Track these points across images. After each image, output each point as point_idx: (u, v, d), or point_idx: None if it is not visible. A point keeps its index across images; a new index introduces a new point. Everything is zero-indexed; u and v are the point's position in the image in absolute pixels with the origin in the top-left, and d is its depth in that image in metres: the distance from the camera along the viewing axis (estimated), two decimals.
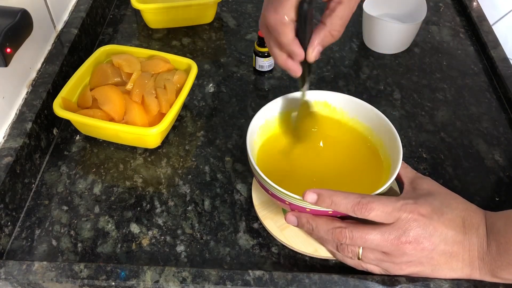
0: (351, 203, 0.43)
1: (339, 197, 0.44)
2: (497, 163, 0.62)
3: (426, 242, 0.43)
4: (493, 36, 0.79)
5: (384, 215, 0.43)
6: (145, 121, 0.61)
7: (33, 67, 0.66)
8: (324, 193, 0.44)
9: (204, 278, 0.47)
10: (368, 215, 0.43)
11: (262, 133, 0.54)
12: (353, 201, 0.43)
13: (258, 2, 0.90)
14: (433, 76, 0.75)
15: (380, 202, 0.43)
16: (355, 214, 0.43)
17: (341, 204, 0.43)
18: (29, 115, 0.60)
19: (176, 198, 0.58)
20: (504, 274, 0.43)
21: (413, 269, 0.45)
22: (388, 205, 0.43)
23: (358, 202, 0.43)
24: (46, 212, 0.56)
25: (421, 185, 0.48)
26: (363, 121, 0.55)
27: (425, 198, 0.45)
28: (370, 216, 0.43)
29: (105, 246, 0.53)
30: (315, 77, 0.74)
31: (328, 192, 0.44)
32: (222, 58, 0.78)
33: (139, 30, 0.83)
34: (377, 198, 0.44)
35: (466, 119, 0.68)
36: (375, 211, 0.43)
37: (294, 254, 0.52)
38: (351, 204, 0.43)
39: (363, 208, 0.43)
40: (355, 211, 0.43)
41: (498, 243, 0.43)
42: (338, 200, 0.43)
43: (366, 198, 0.43)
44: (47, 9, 0.70)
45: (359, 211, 0.43)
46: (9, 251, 0.53)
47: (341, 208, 0.44)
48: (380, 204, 0.43)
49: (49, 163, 0.61)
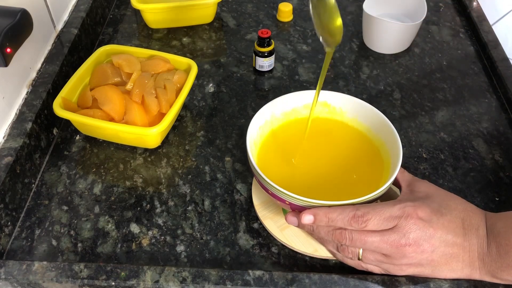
0: (347, 217, 0.44)
1: (335, 214, 0.44)
2: (497, 163, 0.62)
3: (426, 244, 0.43)
4: (493, 36, 0.79)
5: (381, 222, 0.44)
6: (145, 121, 0.61)
7: (33, 67, 0.66)
8: (320, 212, 0.45)
9: (204, 278, 0.47)
10: (365, 226, 0.44)
11: (262, 133, 0.54)
12: (348, 215, 0.44)
13: (258, 2, 0.90)
14: (433, 76, 0.75)
15: (375, 211, 0.44)
16: (353, 227, 0.44)
17: (337, 220, 0.44)
18: (29, 115, 0.60)
19: (176, 198, 0.58)
20: (504, 275, 0.43)
21: (413, 270, 0.45)
22: (385, 211, 0.44)
23: (353, 216, 0.44)
24: (46, 212, 0.56)
25: (418, 187, 0.48)
26: (363, 121, 0.55)
27: (423, 200, 0.45)
28: (368, 227, 0.44)
29: (105, 246, 0.53)
30: (315, 77, 0.74)
31: (323, 210, 0.45)
32: (222, 58, 0.78)
33: (139, 30, 0.83)
34: (371, 208, 0.44)
35: (466, 119, 0.68)
36: (372, 221, 0.44)
37: (294, 254, 0.52)
38: (347, 219, 0.44)
39: (359, 220, 0.44)
40: (352, 225, 0.44)
41: (498, 245, 0.43)
42: (334, 217, 0.45)
43: (360, 210, 0.44)
44: (47, 9, 0.70)
45: (356, 224, 0.44)
46: (9, 251, 0.53)
47: (338, 223, 0.45)
48: (376, 213, 0.44)
49: (49, 163, 0.61)
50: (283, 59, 0.77)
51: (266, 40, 0.71)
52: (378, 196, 0.46)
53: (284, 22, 0.85)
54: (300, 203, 0.45)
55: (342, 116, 0.56)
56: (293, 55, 0.78)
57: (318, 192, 0.50)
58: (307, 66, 0.76)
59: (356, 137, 0.55)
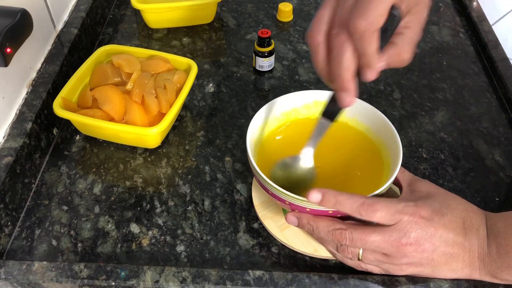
0: (356, 203, 0.43)
1: (344, 197, 0.43)
2: (497, 163, 0.62)
3: (427, 243, 0.43)
4: (493, 36, 0.79)
5: (388, 216, 0.43)
6: (145, 121, 0.61)
7: (33, 67, 0.66)
8: (329, 193, 0.43)
9: (204, 278, 0.47)
10: (373, 216, 0.43)
11: (262, 133, 0.54)
12: (358, 201, 0.43)
13: (258, 2, 0.90)
14: (433, 76, 0.75)
15: (384, 203, 0.43)
16: (360, 215, 0.43)
17: (346, 204, 0.43)
18: (29, 115, 0.60)
19: (176, 198, 0.58)
20: (504, 275, 0.43)
21: (413, 270, 0.45)
22: (391, 206, 0.43)
23: (363, 203, 0.43)
24: (46, 212, 0.56)
25: (419, 187, 0.48)
26: (363, 121, 0.55)
27: (424, 200, 0.45)
28: (375, 217, 0.43)
29: (105, 246, 0.53)
30: (315, 77, 0.74)
31: (332, 192, 0.44)
32: (222, 58, 0.78)
33: (139, 30, 0.83)
34: (381, 200, 0.44)
35: (466, 119, 0.68)
36: (380, 212, 0.43)
37: (294, 254, 0.52)
38: (356, 205, 0.43)
39: (368, 208, 0.43)
40: (360, 212, 0.43)
41: (499, 245, 0.43)
42: (342, 200, 0.43)
43: (370, 199, 0.43)
44: (47, 9, 0.70)
45: (364, 212, 0.43)
46: (9, 251, 0.53)
47: (346, 208, 0.43)
48: (384, 205, 0.43)
49: (49, 163, 0.61)
50: (283, 59, 0.77)
51: (266, 40, 0.71)
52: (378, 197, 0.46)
53: (284, 22, 0.85)
54: (300, 203, 0.45)
55: (342, 116, 0.56)
56: (293, 55, 0.78)
57: None
58: (307, 66, 0.76)
59: (356, 137, 0.55)
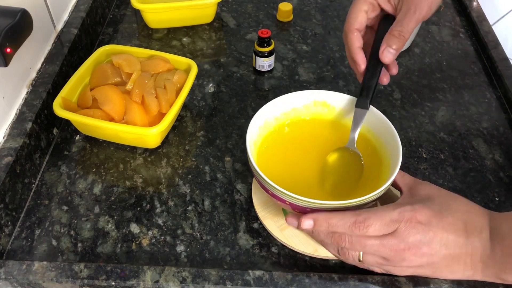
0: (348, 223, 0.44)
1: (335, 219, 0.44)
2: (497, 163, 0.62)
3: (426, 248, 0.43)
4: (493, 36, 0.79)
5: (382, 228, 0.44)
6: (145, 121, 0.61)
7: (33, 67, 0.66)
8: (320, 218, 0.45)
9: (204, 278, 0.47)
10: (366, 232, 0.44)
11: (262, 133, 0.54)
12: (349, 221, 0.44)
13: (258, 2, 0.90)
14: (433, 76, 0.75)
15: (376, 216, 0.44)
16: (354, 233, 0.44)
17: (338, 226, 0.44)
18: (29, 115, 0.60)
19: (176, 198, 0.58)
20: (508, 277, 0.43)
21: (414, 271, 0.45)
22: (385, 216, 0.44)
23: (354, 222, 0.44)
24: (46, 212, 0.56)
25: (419, 190, 0.48)
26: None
27: (423, 203, 0.45)
28: (368, 232, 0.44)
29: (105, 246, 0.53)
30: (315, 77, 0.74)
31: (323, 216, 0.45)
32: (222, 58, 0.78)
33: (139, 30, 0.83)
34: (372, 212, 0.44)
35: (466, 119, 0.68)
36: (373, 226, 0.43)
37: (294, 254, 0.52)
38: (348, 225, 0.44)
39: (360, 226, 0.43)
40: (353, 230, 0.44)
41: (503, 247, 0.43)
42: (334, 223, 0.44)
43: (361, 215, 0.44)
44: (47, 9, 0.70)
45: (357, 230, 0.44)
46: (9, 251, 0.53)
47: (339, 229, 0.44)
48: (377, 218, 0.44)
49: (49, 163, 0.61)
50: (283, 59, 0.77)
51: (266, 40, 0.71)
52: (378, 197, 0.46)
53: (284, 22, 0.85)
54: (300, 203, 0.45)
55: (342, 116, 0.56)
56: (293, 55, 0.78)
57: (318, 192, 0.50)
58: (307, 66, 0.76)
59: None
